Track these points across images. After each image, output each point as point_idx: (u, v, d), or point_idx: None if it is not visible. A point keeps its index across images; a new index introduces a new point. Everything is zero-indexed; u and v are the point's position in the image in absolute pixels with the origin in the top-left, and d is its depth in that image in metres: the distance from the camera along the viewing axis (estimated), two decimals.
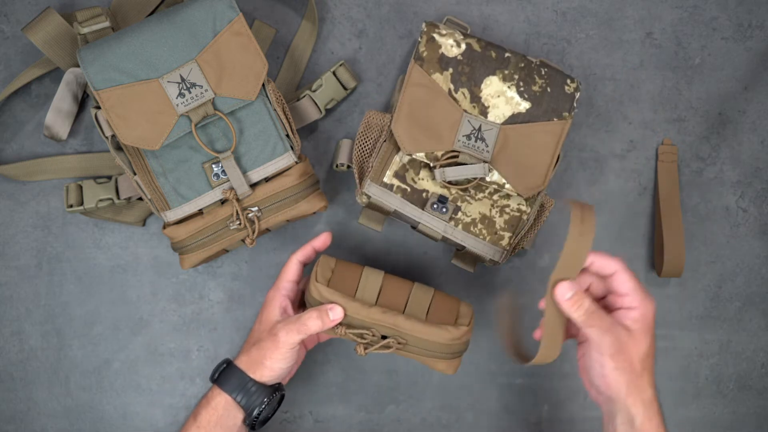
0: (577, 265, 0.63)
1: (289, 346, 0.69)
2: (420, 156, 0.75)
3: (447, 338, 0.71)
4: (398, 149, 0.76)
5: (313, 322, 0.69)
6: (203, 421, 0.70)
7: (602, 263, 0.65)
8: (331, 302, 0.71)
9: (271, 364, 0.70)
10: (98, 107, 0.73)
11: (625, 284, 0.65)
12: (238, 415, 0.71)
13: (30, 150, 0.82)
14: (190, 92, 0.72)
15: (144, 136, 0.72)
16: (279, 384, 0.73)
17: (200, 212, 0.76)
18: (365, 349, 0.72)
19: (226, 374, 0.71)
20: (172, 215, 0.75)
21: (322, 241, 0.76)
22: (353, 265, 0.74)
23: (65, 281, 0.83)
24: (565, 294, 0.63)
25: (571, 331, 0.71)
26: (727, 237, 0.87)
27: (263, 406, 0.70)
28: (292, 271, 0.74)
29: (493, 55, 0.76)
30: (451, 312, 0.73)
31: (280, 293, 0.73)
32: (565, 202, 0.63)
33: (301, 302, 0.77)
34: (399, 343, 0.72)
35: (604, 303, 0.68)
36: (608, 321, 0.64)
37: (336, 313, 0.70)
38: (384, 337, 0.72)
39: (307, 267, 0.77)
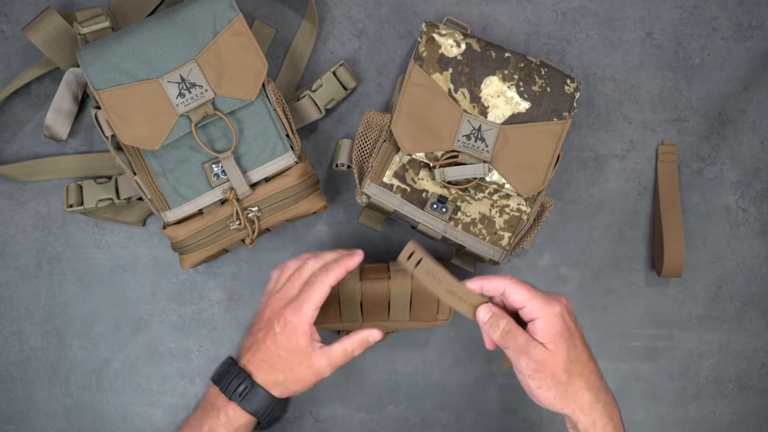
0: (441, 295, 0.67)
1: (329, 374, 0.69)
2: (420, 156, 0.75)
3: (429, 327, 0.80)
4: (398, 149, 0.76)
5: (355, 347, 0.69)
6: None
7: (490, 285, 0.65)
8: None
9: (303, 387, 0.69)
10: (98, 107, 0.73)
11: (516, 297, 0.64)
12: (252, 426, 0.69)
13: (30, 150, 0.82)
14: (190, 92, 0.72)
15: (144, 136, 0.72)
16: None
17: (200, 212, 0.76)
18: None
19: (252, 399, 0.67)
20: (172, 215, 0.75)
21: (355, 262, 0.71)
22: None
23: (65, 281, 0.83)
24: (484, 317, 0.65)
25: None
26: (727, 237, 0.87)
27: (279, 415, 0.70)
28: (321, 297, 0.68)
29: (493, 55, 0.76)
30: (431, 305, 0.78)
31: (306, 321, 0.67)
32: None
33: None
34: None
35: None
36: (522, 341, 0.63)
37: (374, 335, 0.70)
38: None
39: None
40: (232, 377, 0.67)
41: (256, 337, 0.69)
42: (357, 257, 0.71)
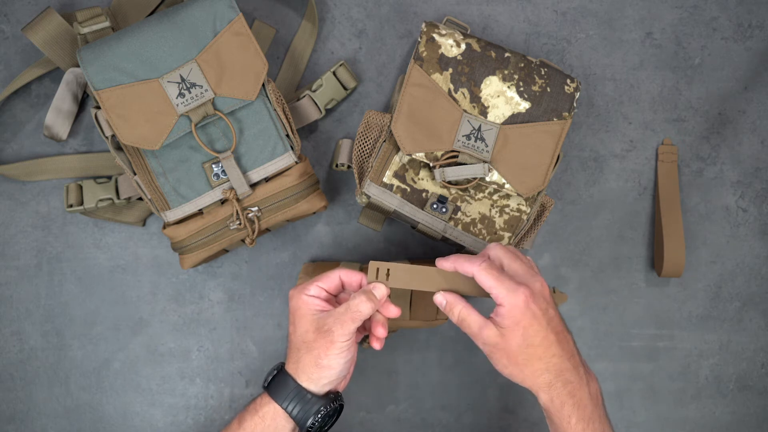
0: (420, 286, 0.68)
1: (344, 338, 0.65)
2: (420, 156, 0.75)
3: (429, 326, 0.80)
4: (398, 149, 0.76)
5: (364, 306, 0.65)
6: (248, 429, 0.66)
7: (462, 269, 0.66)
8: None
9: (328, 362, 0.65)
10: (98, 107, 0.73)
11: (484, 284, 0.65)
12: (287, 426, 0.66)
13: (30, 150, 0.82)
14: (190, 92, 0.72)
15: (144, 136, 0.72)
16: (336, 393, 0.68)
17: (200, 212, 0.76)
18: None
19: (277, 381, 0.66)
20: (172, 215, 0.75)
21: (379, 292, 0.67)
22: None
23: (65, 281, 0.83)
24: (441, 303, 0.67)
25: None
26: (727, 237, 0.87)
27: (318, 416, 0.65)
28: (327, 279, 0.67)
29: (493, 55, 0.76)
30: (431, 304, 0.78)
31: (303, 291, 0.67)
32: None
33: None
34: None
35: None
36: (476, 327, 0.65)
37: (380, 291, 0.67)
38: None
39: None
40: (269, 371, 0.68)
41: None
42: (390, 309, 0.69)
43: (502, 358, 0.65)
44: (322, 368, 0.65)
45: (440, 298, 0.67)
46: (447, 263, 0.67)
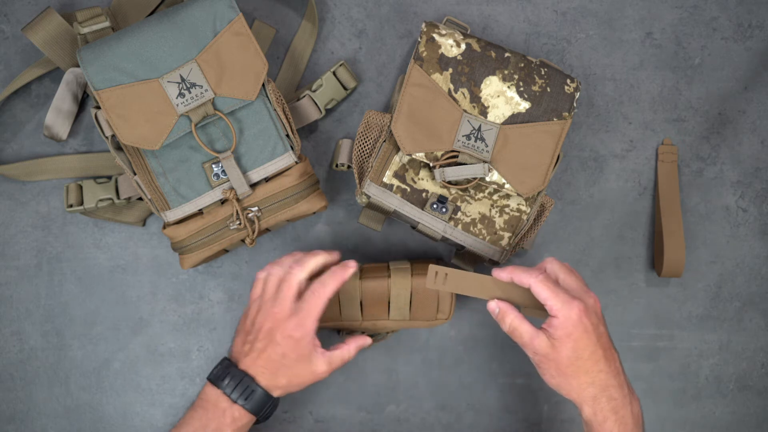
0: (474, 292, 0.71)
1: (326, 376, 0.72)
2: (420, 156, 0.75)
3: (429, 326, 0.80)
4: (398, 149, 0.76)
5: (352, 354, 0.73)
6: None
7: (518, 280, 0.69)
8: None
9: (301, 388, 0.72)
10: (98, 107, 0.73)
11: (540, 295, 0.67)
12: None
13: (30, 150, 0.82)
14: (190, 92, 0.72)
15: (144, 136, 0.72)
16: None
17: (200, 212, 0.76)
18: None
19: (257, 401, 0.70)
20: (172, 215, 0.75)
21: (349, 273, 0.73)
22: None
23: (65, 281, 0.83)
24: (494, 311, 0.71)
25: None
26: (727, 237, 0.87)
27: (273, 410, 0.73)
28: (321, 310, 0.70)
29: (493, 55, 0.76)
30: (431, 304, 0.78)
31: (309, 333, 0.70)
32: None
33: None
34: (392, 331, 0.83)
35: None
36: (527, 337, 0.68)
37: (367, 341, 0.75)
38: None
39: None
40: (236, 381, 0.69)
41: (255, 346, 0.70)
42: (350, 269, 0.73)
43: (551, 368, 0.68)
44: (299, 387, 0.72)
45: (494, 306, 0.70)
46: (504, 273, 0.70)
